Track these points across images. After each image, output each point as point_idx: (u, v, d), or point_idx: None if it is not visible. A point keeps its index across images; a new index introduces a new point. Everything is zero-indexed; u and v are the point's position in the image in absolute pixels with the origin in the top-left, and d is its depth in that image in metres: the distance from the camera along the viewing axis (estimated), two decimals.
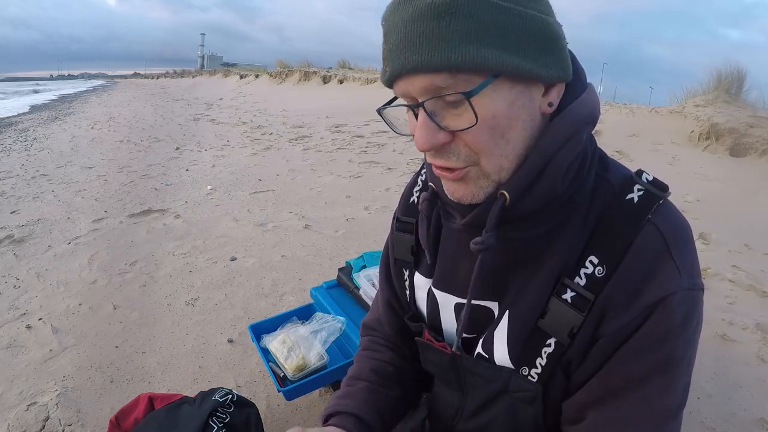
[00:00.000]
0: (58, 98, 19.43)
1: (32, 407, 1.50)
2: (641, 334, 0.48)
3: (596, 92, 0.53)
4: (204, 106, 11.94)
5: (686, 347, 0.49)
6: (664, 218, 0.50)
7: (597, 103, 0.53)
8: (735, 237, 2.95)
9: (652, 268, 0.48)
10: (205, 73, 34.17)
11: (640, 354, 0.48)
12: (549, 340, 0.53)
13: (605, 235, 0.50)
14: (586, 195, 0.51)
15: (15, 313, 2.07)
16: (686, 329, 0.48)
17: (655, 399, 0.49)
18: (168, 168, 4.86)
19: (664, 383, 0.49)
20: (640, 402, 0.49)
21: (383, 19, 0.47)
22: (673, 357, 0.48)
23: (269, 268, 2.50)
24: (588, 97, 0.51)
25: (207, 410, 1.15)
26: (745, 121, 4.60)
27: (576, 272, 0.51)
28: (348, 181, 4.18)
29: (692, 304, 0.49)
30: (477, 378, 0.62)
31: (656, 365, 0.48)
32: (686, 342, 0.49)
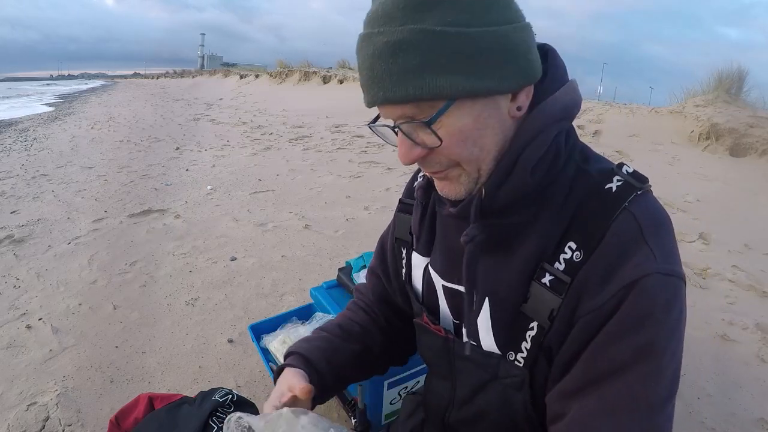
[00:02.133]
0: (59, 98, 19.62)
1: (32, 407, 1.50)
2: (619, 317, 0.48)
3: (576, 88, 0.55)
4: (204, 106, 11.94)
5: (670, 337, 0.48)
6: (641, 207, 0.51)
7: (574, 99, 0.54)
8: (735, 237, 2.95)
9: (627, 252, 0.49)
10: (205, 73, 34.19)
11: (619, 338, 0.48)
12: (532, 324, 0.54)
13: (583, 222, 0.52)
14: (562, 185, 0.53)
15: (15, 313, 2.07)
16: (668, 317, 0.48)
17: (638, 389, 0.48)
18: (168, 168, 4.86)
19: (648, 372, 0.48)
20: (623, 392, 0.48)
21: (356, 52, 0.51)
22: (655, 345, 0.47)
23: (269, 268, 2.50)
24: (563, 94, 0.53)
25: (207, 410, 1.15)
26: (745, 121, 4.60)
27: (555, 257, 0.52)
28: (348, 181, 4.18)
29: (672, 291, 0.48)
30: (467, 363, 0.64)
31: (637, 351, 0.47)
32: (670, 331, 0.48)
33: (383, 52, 0.46)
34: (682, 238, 2.95)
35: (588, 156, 0.56)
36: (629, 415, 0.48)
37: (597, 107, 6.25)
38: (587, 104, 6.51)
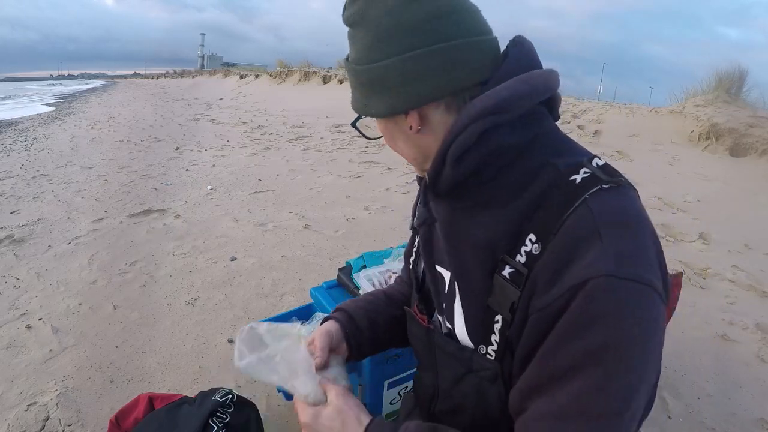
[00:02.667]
0: (59, 98, 19.73)
1: (32, 407, 1.50)
2: (566, 319, 0.47)
3: (526, 79, 0.54)
4: (204, 106, 11.94)
5: (628, 347, 0.45)
6: (603, 201, 0.49)
7: (517, 91, 0.52)
8: (735, 237, 2.95)
9: (579, 249, 0.47)
10: (205, 73, 34.19)
11: (568, 342, 0.46)
12: (497, 317, 0.55)
13: (543, 214, 0.51)
14: (520, 177, 0.54)
15: (15, 313, 2.07)
16: (621, 323, 0.45)
17: (587, 397, 0.46)
18: (168, 168, 4.86)
19: (598, 378, 0.45)
20: (572, 397, 0.46)
21: None
22: (607, 349, 0.45)
23: (269, 268, 2.50)
24: (501, 89, 0.53)
25: (207, 410, 1.15)
26: (745, 121, 4.61)
27: (517, 250, 0.52)
28: (348, 181, 4.18)
29: (627, 297, 0.45)
30: (446, 356, 0.65)
31: (586, 355, 0.45)
32: (628, 338, 0.45)
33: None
34: (682, 238, 2.95)
35: (562, 150, 0.55)
36: (577, 423, 0.46)
37: (597, 107, 6.25)
38: (587, 104, 6.51)
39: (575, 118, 5.91)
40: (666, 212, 3.38)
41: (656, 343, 0.47)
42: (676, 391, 1.61)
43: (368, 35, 0.56)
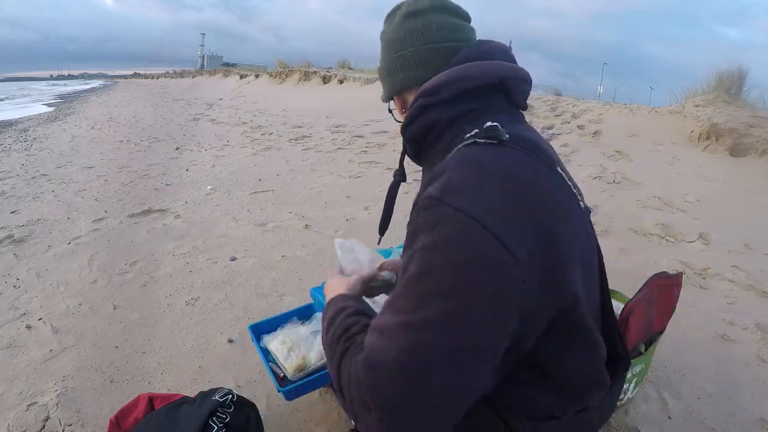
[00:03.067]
0: (59, 98, 19.77)
1: (32, 407, 1.50)
2: (407, 233, 0.58)
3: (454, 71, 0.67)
4: (204, 106, 11.94)
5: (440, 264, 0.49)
6: (467, 151, 0.59)
7: (441, 79, 0.66)
8: (735, 237, 2.95)
9: (431, 181, 0.57)
10: (205, 73, 34.17)
11: (405, 251, 0.58)
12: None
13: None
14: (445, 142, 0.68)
15: (15, 313, 2.07)
16: (431, 238, 0.50)
17: (400, 298, 0.52)
18: (168, 168, 4.86)
19: (408, 283, 0.51)
20: (394, 294, 0.54)
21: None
22: (420, 261, 0.51)
23: (269, 268, 2.50)
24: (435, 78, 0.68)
25: (207, 410, 1.15)
26: (745, 121, 4.60)
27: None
28: (348, 181, 4.18)
29: (439, 217, 0.51)
30: None
31: (408, 262, 0.53)
32: (439, 256, 0.49)
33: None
34: (682, 238, 2.95)
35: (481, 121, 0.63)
36: (384, 316, 0.53)
37: (597, 107, 6.25)
38: (587, 104, 6.51)
39: (575, 118, 5.91)
40: (666, 212, 3.38)
41: (472, 274, 0.48)
42: (676, 391, 1.61)
43: (382, 44, 0.80)
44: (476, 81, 0.65)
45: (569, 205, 0.59)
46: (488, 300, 0.48)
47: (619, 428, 1.44)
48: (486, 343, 0.50)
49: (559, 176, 0.60)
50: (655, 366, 1.73)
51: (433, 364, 0.47)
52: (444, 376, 0.48)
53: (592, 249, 0.65)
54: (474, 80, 0.65)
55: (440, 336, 0.47)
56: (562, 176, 0.61)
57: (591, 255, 0.64)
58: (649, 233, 3.00)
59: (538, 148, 0.60)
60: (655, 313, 1.33)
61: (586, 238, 0.63)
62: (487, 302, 0.48)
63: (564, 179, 0.61)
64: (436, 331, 0.48)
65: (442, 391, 0.48)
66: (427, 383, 0.47)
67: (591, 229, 0.68)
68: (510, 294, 0.49)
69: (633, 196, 3.69)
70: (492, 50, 0.70)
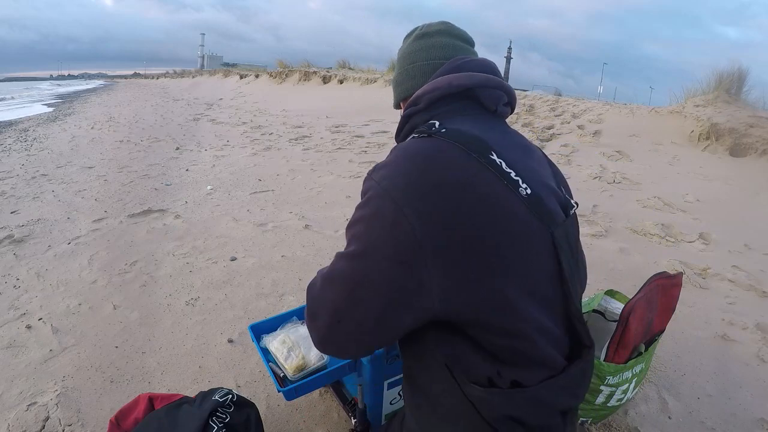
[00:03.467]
0: (59, 98, 19.79)
1: (32, 407, 1.50)
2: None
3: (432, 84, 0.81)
4: (204, 106, 11.94)
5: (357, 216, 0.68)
6: (404, 143, 0.75)
7: (419, 95, 0.82)
8: (735, 237, 2.95)
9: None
10: (205, 73, 34.16)
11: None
12: None
13: None
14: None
15: (15, 313, 2.07)
16: (360, 203, 0.69)
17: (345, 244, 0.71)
18: (168, 168, 4.87)
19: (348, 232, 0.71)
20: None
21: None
22: (355, 211, 0.69)
23: (269, 268, 2.50)
24: (418, 92, 0.83)
25: (207, 410, 1.15)
26: (745, 121, 4.60)
27: None
28: (348, 181, 4.18)
29: (366, 185, 0.69)
30: None
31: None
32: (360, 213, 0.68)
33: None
34: (682, 238, 2.95)
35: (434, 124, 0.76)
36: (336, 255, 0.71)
37: (597, 107, 6.25)
38: (587, 104, 6.51)
39: (575, 118, 5.91)
40: (666, 212, 3.38)
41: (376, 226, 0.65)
42: (676, 391, 1.61)
43: (397, 59, 0.96)
44: (442, 91, 0.79)
45: (489, 187, 0.66)
46: (382, 247, 0.64)
47: (619, 428, 1.44)
48: (382, 278, 0.64)
49: (487, 162, 0.67)
50: (655, 366, 1.73)
51: (336, 278, 0.68)
52: (341, 288, 0.68)
53: (526, 229, 0.66)
54: (440, 90, 0.79)
55: (355, 265, 0.66)
56: (493, 162, 0.68)
57: (529, 238, 0.66)
58: (649, 233, 3.00)
59: (472, 139, 0.69)
60: (655, 313, 1.33)
61: (518, 224, 0.66)
62: (381, 248, 0.64)
63: (493, 166, 0.67)
64: (353, 262, 0.67)
65: (337, 298, 0.68)
66: (331, 288, 0.69)
67: (541, 216, 0.68)
68: (400, 246, 0.62)
69: (633, 196, 3.69)
70: (466, 64, 0.82)
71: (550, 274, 0.69)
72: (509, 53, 33.69)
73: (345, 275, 0.67)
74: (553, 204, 0.72)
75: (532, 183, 0.69)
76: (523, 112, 6.51)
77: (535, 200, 0.68)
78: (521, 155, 0.74)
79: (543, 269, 0.69)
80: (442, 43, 0.88)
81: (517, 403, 0.67)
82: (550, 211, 0.70)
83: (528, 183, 0.68)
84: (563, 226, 0.72)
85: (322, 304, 0.70)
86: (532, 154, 0.80)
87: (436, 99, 0.79)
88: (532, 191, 0.68)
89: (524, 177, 0.69)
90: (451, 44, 0.88)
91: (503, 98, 0.81)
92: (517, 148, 0.76)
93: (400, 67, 0.92)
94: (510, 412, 0.67)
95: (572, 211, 0.77)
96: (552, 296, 0.70)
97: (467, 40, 0.90)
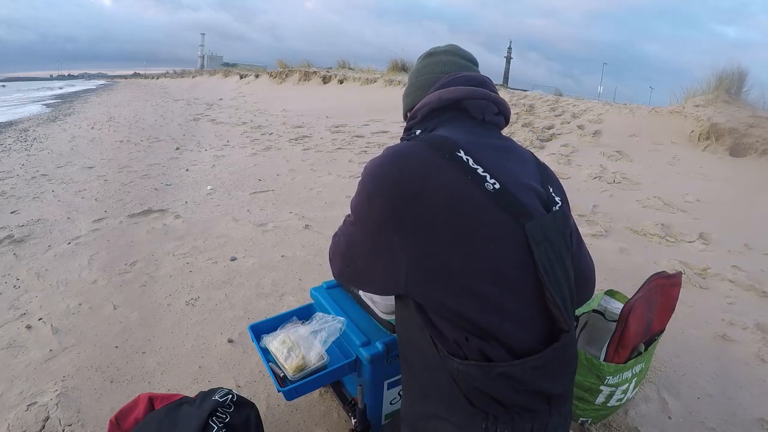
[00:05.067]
0: (58, 98, 19.80)
1: (32, 407, 1.50)
2: None
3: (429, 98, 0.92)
4: (204, 106, 11.94)
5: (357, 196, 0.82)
6: (395, 145, 0.84)
7: (418, 106, 0.94)
8: (735, 237, 2.95)
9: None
10: (206, 73, 34.12)
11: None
12: None
13: None
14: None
15: (15, 313, 2.07)
16: (362, 181, 0.81)
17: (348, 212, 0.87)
18: (168, 168, 4.87)
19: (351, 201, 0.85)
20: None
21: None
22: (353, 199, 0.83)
23: (269, 268, 2.50)
24: (418, 105, 0.94)
25: (207, 410, 1.15)
26: (745, 121, 4.60)
27: None
28: (348, 181, 4.18)
29: (365, 172, 0.81)
30: None
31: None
32: (359, 190, 0.81)
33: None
34: (682, 238, 2.95)
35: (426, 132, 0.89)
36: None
37: (597, 107, 6.25)
38: (587, 104, 6.51)
39: (575, 118, 5.91)
40: (666, 212, 3.38)
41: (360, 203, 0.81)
42: (676, 391, 1.61)
43: (408, 77, 1.06)
44: (433, 105, 0.90)
45: (446, 177, 0.75)
46: (364, 218, 0.81)
47: (619, 428, 1.44)
48: (365, 238, 0.81)
49: (453, 159, 0.77)
50: (655, 366, 1.73)
51: (348, 239, 0.86)
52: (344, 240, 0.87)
53: (486, 219, 0.74)
54: (432, 104, 0.90)
55: (350, 229, 0.85)
56: (459, 159, 0.77)
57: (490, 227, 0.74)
58: (649, 233, 3.00)
59: (441, 139, 0.80)
60: (655, 313, 1.33)
61: (478, 213, 0.74)
62: (364, 219, 0.81)
63: (458, 162, 0.77)
64: (350, 226, 0.85)
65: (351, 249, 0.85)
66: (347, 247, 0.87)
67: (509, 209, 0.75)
68: (374, 219, 0.78)
69: (633, 196, 3.69)
70: (456, 79, 0.93)
71: (518, 262, 0.75)
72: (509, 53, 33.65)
73: (345, 234, 0.87)
74: (530, 199, 0.79)
75: (502, 179, 0.77)
76: (523, 112, 6.51)
77: (503, 194, 0.75)
78: (499, 156, 0.83)
79: (508, 256, 0.74)
80: (444, 60, 0.99)
81: (489, 377, 0.72)
82: (523, 205, 0.76)
83: (497, 179, 0.76)
84: (540, 220, 0.77)
85: (336, 251, 0.91)
86: (514, 157, 0.86)
87: (428, 112, 0.91)
88: (500, 186, 0.76)
89: (494, 174, 0.77)
90: (452, 61, 0.98)
91: (491, 108, 0.89)
92: (497, 150, 0.84)
93: (409, 82, 1.04)
94: (483, 387, 0.73)
95: (555, 207, 0.82)
96: (520, 282, 0.75)
97: (470, 60, 1.00)
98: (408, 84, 1.05)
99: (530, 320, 0.76)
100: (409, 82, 1.04)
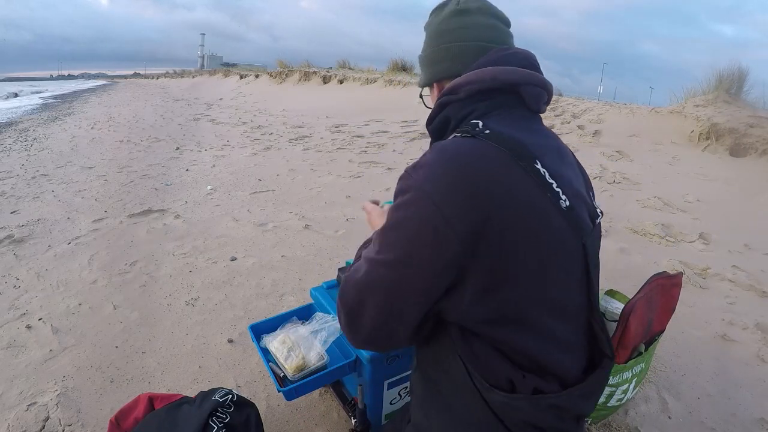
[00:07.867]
0: (57, 98, 19.79)
1: (32, 407, 1.50)
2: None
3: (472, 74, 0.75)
4: (204, 106, 11.94)
5: (394, 213, 0.65)
6: (444, 141, 0.72)
7: (459, 82, 0.76)
8: (735, 237, 2.95)
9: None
10: (205, 73, 34.14)
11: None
12: None
13: None
14: (448, 129, 0.80)
15: (15, 313, 2.07)
16: (397, 204, 0.66)
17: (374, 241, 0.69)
18: (168, 168, 4.86)
19: (379, 232, 0.68)
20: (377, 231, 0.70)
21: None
22: (390, 213, 0.66)
23: (269, 268, 2.50)
24: (456, 81, 0.77)
25: (207, 410, 1.15)
26: (745, 121, 4.60)
27: None
28: (348, 181, 4.18)
29: (404, 185, 0.66)
30: None
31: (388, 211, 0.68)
32: (396, 208, 0.65)
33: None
34: (682, 238, 2.95)
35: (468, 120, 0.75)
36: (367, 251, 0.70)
37: (597, 107, 6.25)
38: (587, 104, 6.51)
39: (575, 118, 5.91)
40: (666, 212, 3.38)
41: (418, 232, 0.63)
42: (676, 391, 1.61)
43: (427, 34, 0.86)
44: (486, 84, 0.73)
45: (528, 195, 0.64)
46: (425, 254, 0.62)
47: (619, 428, 1.44)
48: (425, 285, 0.64)
49: (532, 171, 0.65)
50: (655, 366, 1.73)
51: (376, 288, 0.65)
52: (382, 298, 0.65)
53: (560, 242, 0.67)
54: (484, 83, 0.73)
55: (396, 273, 0.64)
56: (538, 171, 0.65)
57: (562, 251, 0.67)
58: (649, 233, 3.00)
59: (517, 144, 0.66)
60: (655, 313, 1.33)
61: (555, 236, 0.66)
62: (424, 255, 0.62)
63: (537, 176, 0.65)
64: (394, 270, 0.64)
65: (377, 306, 0.66)
66: (371, 299, 0.66)
67: (576, 229, 0.68)
68: (442, 252, 0.61)
69: (633, 196, 3.69)
70: (512, 57, 0.76)
71: (580, 283, 0.70)
72: None
73: (385, 282, 0.65)
74: (585, 214, 0.72)
75: (569, 194, 0.68)
76: None
77: (572, 213, 0.68)
78: (559, 162, 0.72)
79: (575, 280, 0.69)
80: (482, 23, 0.80)
81: (539, 409, 0.67)
82: (583, 222, 0.70)
83: (567, 195, 0.68)
84: (591, 236, 0.72)
85: (361, 310, 0.67)
86: (566, 159, 0.77)
87: (477, 92, 0.74)
88: (570, 203, 0.68)
89: (563, 189, 0.67)
90: (492, 25, 0.80)
91: (544, 97, 0.77)
92: (555, 153, 0.73)
93: (435, 45, 0.83)
94: (531, 419, 0.67)
95: (598, 220, 0.77)
96: (579, 306, 0.70)
97: (506, 22, 0.84)
98: (434, 47, 0.83)
99: (580, 347, 0.71)
100: (435, 44, 0.83)
